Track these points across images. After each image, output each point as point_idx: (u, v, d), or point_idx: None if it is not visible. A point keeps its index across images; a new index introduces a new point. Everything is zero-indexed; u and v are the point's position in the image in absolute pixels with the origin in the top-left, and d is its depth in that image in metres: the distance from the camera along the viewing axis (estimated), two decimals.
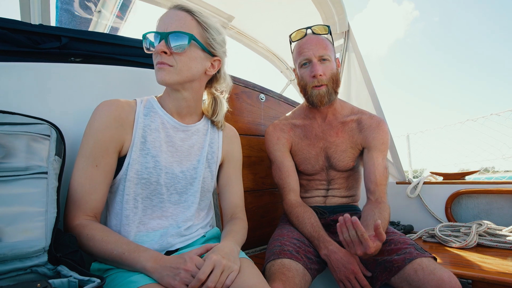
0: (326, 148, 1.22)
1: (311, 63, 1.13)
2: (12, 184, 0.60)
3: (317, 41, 1.14)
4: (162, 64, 0.79)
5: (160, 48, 0.77)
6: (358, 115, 1.23)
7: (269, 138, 1.27)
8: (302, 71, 1.16)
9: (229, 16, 2.18)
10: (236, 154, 1.03)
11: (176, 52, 0.78)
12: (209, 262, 0.67)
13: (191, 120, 0.93)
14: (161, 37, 0.78)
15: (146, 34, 0.81)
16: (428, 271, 0.82)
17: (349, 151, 1.21)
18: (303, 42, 1.16)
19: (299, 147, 1.25)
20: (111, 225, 0.81)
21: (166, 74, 0.79)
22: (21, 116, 0.68)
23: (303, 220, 1.10)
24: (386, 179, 1.15)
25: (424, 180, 1.72)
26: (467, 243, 1.24)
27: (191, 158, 0.90)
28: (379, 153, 1.16)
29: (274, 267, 0.91)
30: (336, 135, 1.22)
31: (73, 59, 0.98)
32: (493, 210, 1.50)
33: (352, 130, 1.21)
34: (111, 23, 2.27)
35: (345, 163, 1.21)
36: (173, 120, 0.87)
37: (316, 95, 1.14)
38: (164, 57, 0.78)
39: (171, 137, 0.86)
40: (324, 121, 1.24)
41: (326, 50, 1.13)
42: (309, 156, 1.23)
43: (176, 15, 0.80)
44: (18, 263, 0.57)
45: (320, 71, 1.10)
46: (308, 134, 1.25)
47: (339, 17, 1.91)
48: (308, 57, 1.13)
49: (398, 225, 1.62)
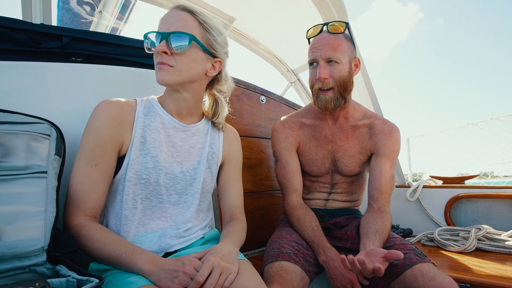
0: (334, 151, 1.19)
1: (318, 64, 1.07)
2: (11, 183, 0.60)
3: (328, 41, 1.06)
4: (162, 64, 0.78)
5: (160, 48, 0.77)
6: (371, 120, 1.18)
7: (276, 135, 1.23)
8: (310, 70, 1.12)
9: (230, 17, 2.18)
10: (236, 155, 1.03)
11: (176, 52, 0.78)
12: (208, 264, 0.67)
13: (192, 121, 0.92)
14: (162, 37, 0.78)
15: (148, 34, 0.81)
16: (428, 277, 0.81)
17: (357, 157, 1.18)
18: (315, 41, 1.10)
19: (307, 147, 1.22)
20: (111, 225, 0.81)
21: (166, 74, 0.79)
22: (21, 115, 0.68)
23: (304, 223, 1.08)
24: (391, 187, 1.12)
25: (424, 184, 1.72)
26: (466, 247, 1.24)
27: (191, 159, 0.89)
28: (387, 160, 1.13)
29: (272, 270, 0.90)
30: (346, 139, 1.18)
31: (74, 59, 0.98)
32: (492, 214, 1.50)
33: (363, 135, 1.17)
34: (112, 24, 2.27)
35: (351, 168, 1.18)
36: (174, 120, 0.87)
37: (321, 100, 1.09)
38: (164, 57, 0.78)
39: (171, 137, 0.86)
40: (335, 124, 1.19)
41: (336, 52, 1.05)
42: (315, 158, 1.20)
43: (177, 15, 0.80)
44: (17, 262, 0.57)
45: (324, 74, 1.05)
46: (317, 135, 1.21)
47: (340, 19, 1.92)
48: (314, 58, 1.08)
49: (397, 228, 1.62)
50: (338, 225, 1.19)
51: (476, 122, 3.54)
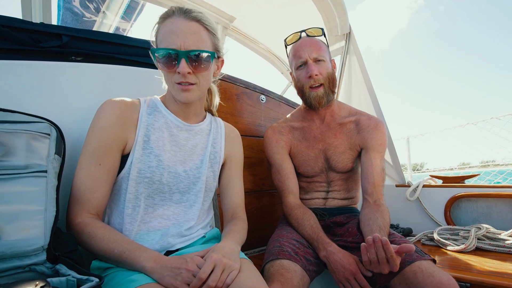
0: (325, 149, 1.23)
1: (306, 64, 1.14)
2: (11, 182, 0.60)
3: (311, 43, 1.15)
4: (188, 85, 0.78)
5: (186, 70, 0.75)
6: (356, 116, 1.24)
7: (268, 141, 1.28)
8: (298, 73, 1.17)
9: (230, 16, 2.18)
10: (237, 154, 1.03)
11: (199, 71, 0.78)
12: (210, 261, 0.68)
13: (195, 120, 0.93)
14: (181, 56, 0.74)
15: (160, 51, 0.75)
16: (427, 274, 0.82)
17: (348, 153, 1.22)
18: (298, 45, 1.18)
19: (298, 149, 1.26)
20: (114, 223, 0.81)
21: (191, 94, 0.80)
22: (21, 114, 0.68)
23: (302, 222, 1.10)
24: (383, 180, 1.16)
25: (424, 183, 1.72)
26: (466, 246, 1.24)
27: (194, 158, 0.90)
28: (376, 154, 1.17)
29: (273, 268, 0.91)
30: (335, 137, 1.22)
31: (74, 58, 0.98)
32: (492, 214, 1.50)
33: (351, 131, 1.22)
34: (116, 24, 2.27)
35: (344, 165, 1.21)
36: (177, 120, 0.88)
37: (314, 96, 1.15)
38: (188, 77, 0.77)
39: (175, 136, 0.86)
40: (323, 123, 1.25)
41: (320, 51, 1.14)
42: (308, 158, 1.24)
43: (188, 28, 0.76)
44: (17, 261, 0.57)
45: (315, 71, 1.11)
46: (307, 136, 1.25)
47: (340, 19, 1.92)
48: (303, 59, 1.14)
49: (397, 228, 1.62)
50: (339, 223, 1.20)
51: (476, 122, 3.56)
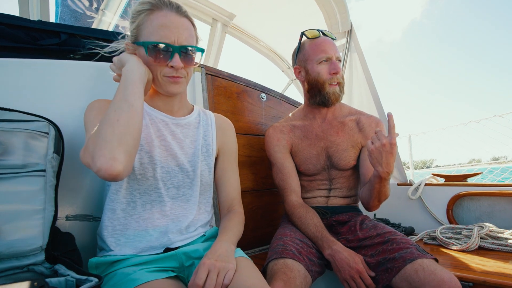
0: (327, 147, 1.23)
1: (331, 61, 1.17)
2: (9, 181, 0.60)
3: (333, 43, 1.21)
4: (179, 78, 0.81)
5: (180, 65, 0.78)
6: (356, 116, 1.26)
7: (269, 140, 1.28)
8: (320, 67, 1.18)
9: (230, 14, 2.17)
10: (231, 145, 1.03)
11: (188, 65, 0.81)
12: (204, 267, 0.69)
13: (181, 113, 0.93)
14: (175, 51, 0.77)
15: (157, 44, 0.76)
16: (428, 272, 0.82)
17: (350, 150, 1.22)
18: (322, 41, 1.20)
19: (300, 147, 1.25)
20: (111, 219, 0.81)
21: (180, 86, 0.82)
22: (19, 113, 0.67)
23: (305, 221, 1.10)
24: None
25: (426, 182, 1.71)
26: (469, 245, 1.23)
27: (186, 152, 0.90)
28: None
29: (276, 266, 0.90)
30: (337, 134, 1.23)
31: (72, 56, 0.97)
32: (495, 212, 1.49)
33: (352, 129, 1.23)
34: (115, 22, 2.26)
35: (347, 162, 1.21)
36: (162, 114, 0.88)
37: (333, 92, 1.17)
38: (179, 71, 0.80)
39: (161, 131, 0.87)
40: (324, 121, 1.26)
41: (338, 53, 1.19)
42: (310, 156, 1.24)
43: (182, 25, 0.79)
44: (15, 261, 0.57)
45: (339, 69, 1.17)
46: (308, 134, 1.26)
47: (341, 16, 1.90)
48: (329, 55, 1.17)
49: (399, 226, 1.61)
50: (341, 221, 1.20)
51: (479, 120, 3.54)
